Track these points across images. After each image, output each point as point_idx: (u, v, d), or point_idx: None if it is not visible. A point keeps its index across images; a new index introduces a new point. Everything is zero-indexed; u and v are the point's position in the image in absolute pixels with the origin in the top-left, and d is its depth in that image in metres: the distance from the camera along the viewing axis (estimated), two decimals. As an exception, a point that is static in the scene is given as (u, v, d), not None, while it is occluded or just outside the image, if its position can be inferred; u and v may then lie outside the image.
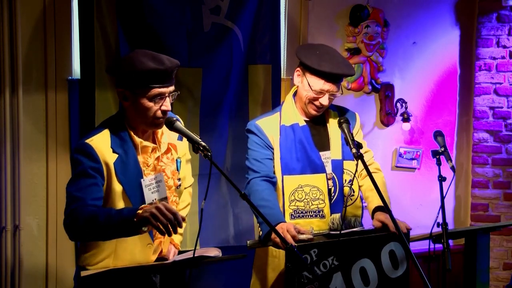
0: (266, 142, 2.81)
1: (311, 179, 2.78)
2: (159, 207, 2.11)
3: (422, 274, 2.28)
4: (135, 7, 3.18)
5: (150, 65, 2.29)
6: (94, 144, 2.32)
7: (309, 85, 2.75)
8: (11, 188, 3.22)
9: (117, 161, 2.35)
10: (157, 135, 2.50)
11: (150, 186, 2.42)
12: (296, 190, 2.78)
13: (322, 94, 2.75)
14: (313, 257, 2.45)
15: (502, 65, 4.30)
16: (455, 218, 4.43)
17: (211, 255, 2.38)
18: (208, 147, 2.25)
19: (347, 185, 2.83)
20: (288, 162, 2.78)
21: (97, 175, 2.30)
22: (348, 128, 2.62)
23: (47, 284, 3.34)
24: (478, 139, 4.35)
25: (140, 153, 2.42)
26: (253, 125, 2.85)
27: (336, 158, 2.83)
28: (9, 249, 3.22)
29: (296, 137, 2.80)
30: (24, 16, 3.20)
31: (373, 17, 3.94)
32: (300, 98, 2.83)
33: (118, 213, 2.18)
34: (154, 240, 2.49)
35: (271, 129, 2.83)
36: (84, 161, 2.30)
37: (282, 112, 2.87)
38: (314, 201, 2.78)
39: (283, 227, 2.48)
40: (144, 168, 2.43)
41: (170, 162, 2.54)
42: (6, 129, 3.19)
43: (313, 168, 2.79)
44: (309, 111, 2.82)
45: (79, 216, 2.21)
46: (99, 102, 3.19)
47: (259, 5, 3.52)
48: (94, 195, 2.28)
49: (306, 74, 2.77)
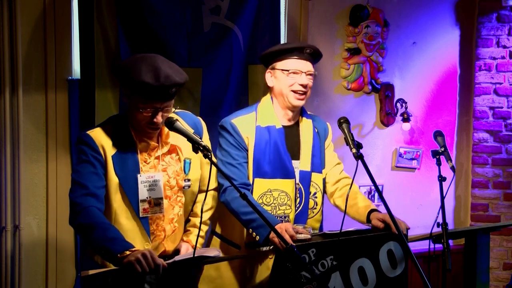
0: (240, 142, 2.76)
1: (280, 184, 2.75)
2: (146, 255, 2.15)
3: (422, 274, 2.28)
4: (135, 7, 3.18)
5: (143, 78, 2.31)
6: (94, 135, 2.42)
7: (282, 71, 2.74)
8: (11, 188, 3.22)
9: (115, 155, 2.42)
10: (161, 135, 2.52)
11: (146, 183, 2.44)
12: (265, 194, 2.75)
13: (298, 73, 2.74)
14: (311, 256, 2.45)
15: (502, 65, 4.30)
16: (455, 218, 4.43)
17: (211, 255, 2.38)
18: (208, 147, 2.26)
19: (312, 197, 2.82)
20: (261, 165, 2.75)
21: (97, 165, 2.39)
22: (348, 128, 2.61)
23: (47, 284, 3.34)
24: (478, 139, 4.35)
25: (140, 150, 2.45)
26: (228, 123, 2.79)
27: (305, 169, 2.81)
28: (9, 249, 3.22)
29: (271, 139, 2.77)
30: (24, 16, 3.20)
31: (373, 17, 3.94)
32: (279, 94, 2.79)
33: (111, 239, 2.22)
34: (153, 240, 2.49)
35: (246, 129, 2.78)
36: (85, 150, 2.40)
37: (258, 112, 2.83)
38: (281, 206, 2.76)
39: (282, 227, 2.47)
40: (142, 166, 2.44)
41: (174, 162, 2.55)
42: (6, 129, 3.19)
43: (284, 172, 2.76)
44: (292, 102, 2.77)
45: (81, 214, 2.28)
46: (99, 102, 3.20)
47: (259, 5, 3.52)
48: (96, 183, 2.37)
49: (276, 65, 2.78)
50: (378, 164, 4.15)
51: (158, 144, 2.50)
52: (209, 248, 2.88)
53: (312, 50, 2.78)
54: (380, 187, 4.10)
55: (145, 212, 2.46)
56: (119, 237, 2.24)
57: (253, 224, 2.56)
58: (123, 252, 2.17)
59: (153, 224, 2.50)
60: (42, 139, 3.29)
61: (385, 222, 2.63)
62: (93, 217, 2.28)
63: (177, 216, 2.59)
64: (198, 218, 2.68)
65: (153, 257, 2.16)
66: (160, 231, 2.53)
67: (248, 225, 2.59)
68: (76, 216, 2.30)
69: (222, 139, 2.80)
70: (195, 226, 2.70)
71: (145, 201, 2.44)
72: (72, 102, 3.31)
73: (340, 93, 4.00)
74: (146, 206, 2.45)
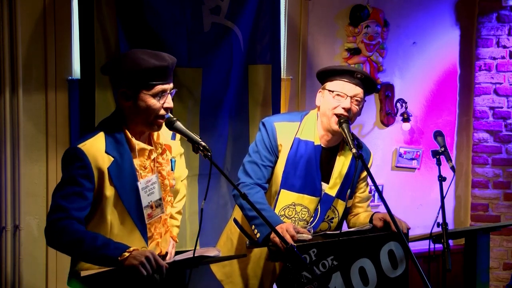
0: (273, 147, 2.73)
1: (305, 200, 2.73)
2: (149, 257, 2.13)
3: (422, 274, 2.28)
4: (135, 7, 3.17)
5: (153, 62, 2.28)
6: (86, 149, 2.26)
7: (329, 91, 2.68)
8: (11, 188, 3.22)
9: (112, 165, 2.30)
10: (152, 137, 2.47)
11: (146, 189, 2.40)
12: (288, 207, 2.73)
13: (344, 97, 2.65)
14: (312, 257, 2.45)
15: (502, 65, 4.30)
16: (455, 218, 4.43)
17: (211, 255, 2.38)
18: (208, 147, 2.25)
19: (327, 221, 2.79)
20: (290, 177, 2.71)
21: (85, 183, 2.25)
22: (348, 128, 2.60)
23: (47, 284, 3.34)
24: (478, 139, 4.35)
25: (137, 155, 2.39)
26: (270, 124, 2.75)
27: (330, 193, 2.76)
28: (9, 249, 3.22)
29: (306, 153, 2.72)
30: (24, 16, 3.20)
31: (373, 17, 3.94)
32: (323, 114, 2.71)
33: (103, 246, 2.17)
34: (149, 243, 2.48)
35: (285, 137, 2.73)
36: (73, 167, 2.26)
37: (302, 123, 2.77)
38: (300, 221, 2.74)
39: (283, 227, 2.47)
40: (141, 171, 2.40)
41: (166, 162, 2.53)
42: (6, 129, 3.19)
43: (312, 189, 2.72)
44: (332, 126, 2.67)
45: (64, 232, 2.19)
46: (99, 102, 3.19)
47: (259, 5, 3.52)
48: (79, 204, 2.24)
49: (326, 85, 2.72)
50: (378, 164, 4.15)
51: (152, 146, 2.48)
52: (209, 248, 2.88)
53: (363, 76, 2.69)
54: (380, 187, 4.10)
55: (150, 217, 2.43)
56: (110, 242, 2.21)
57: (256, 221, 2.56)
58: (122, 255, 2.15)
59: (152, 228, 2.48)
60: (42, 139, 3.28)
61: (385, 221, 2.63)
62: (76, 232, 2.20)
63: (168, 216, 2.59)
64: (173, 209, 2.66)
65: (155, 259, 2.15)
66: (157, 234, 2.51)
67: (251, 222, 2.60)
68: (59, 236, 2.20)
69: (259, 136, 2.77)
70: (172, 217, 2.66)
71: (148, 206, 2.42)
72: (72, 102, 3.31)
73: (340, 93, 4.00)
74: (149, 211, 2.42)
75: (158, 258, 2.17)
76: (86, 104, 3.21)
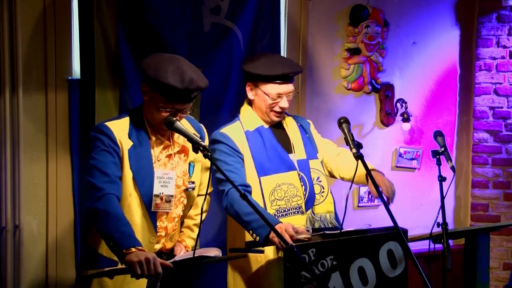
0: (234, 148, 2.79)
1: (286, 177, 2.80)
2: (149, 259, 2.15)
3: (422, 274, 2.28)
4: (135, 7, 3.18)
5: (169, 80, 2.37)
6: (113, 127, 2.45)
7: (265, 93, 2.80)
8: (11, 188, 3.22)
9: (131, 149, 2.45)
10: (173, 134, 2.54)
11: (161, 180, 2.49)
12: (274, 190, 2.78)
13: (280, 98, 2.81)
14: (311, 256, 2.45)
15: (502, 65, 4.30)
16: (455, 218, 4.43)
17: (211, 255, 2.39)
18: (207, 147, 2.27)
19: (317, 182, 2.87)
20: (263, 163, 2.79)
21: (115, 156, 2.41)
22: (348, 128, 2.62)
23: (47, 284, 3.34)
24: (478, 139, 4.35)
25: (154, 146, 2.50)
26: (219, 133, 2.84)
27: (301, 158, 2.88)
28: (9, 249, 3.22)
29: (265, 138, 2.84)
30: (24, 16, 3.19)
31: (373, 17, 3.94)
32: (259, 108, 2.87)
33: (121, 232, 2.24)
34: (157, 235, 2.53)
35: (237, 136, 2.83)
36: (104, 140, 2.42)
37: (242, 120, 2.90)
38: (293, 198, 2.79)
39: (282, 227, 2.48)
40: (154, 162, 2.50)
41: (182, 162, 2.60)
42: (6, 129, 3.19)
43: (286, 166, 2.82)
44: (271, 118, 2.86)
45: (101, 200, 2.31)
46: (99, 102, 3.19)
47: (259, 5, 3.52)
48: (116, 172, 2.40)
49: (258, 84, 2.83)
50: (378, 164, 4.14)
51: (170, 143, 2.53)
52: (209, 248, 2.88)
53: (297, 72, 2.87)
54: (380, 187, 4.09)
55: (157, 207, 2.51)
56: (129, 232, 2.26)
57: (253, 225, 2.56)
58: (129, 249, 2.18)
59: (158, 220, 2.53)
60: (42, 139, 3.28)
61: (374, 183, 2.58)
62: (111, 206, 2.30)
63: (178, 217, 2.64)
64: (192, 220, 2.73)
65: (155, 264, 2.16)
66: (162, 229, 2.55)
67: (248, 226, 2.59)
68: (95, 200, 2.32)
69: (215, 151, 2.80)
70: (189, 228, 2.74)
71: (158, 196, 2.50)
72: (72, 102, 3.31)
73: (340, 93, 4.00)
74: (158, 201, 2.50)
75: (159, 264, 2.17)
76: (86, 104, 3.22)
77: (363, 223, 3.26)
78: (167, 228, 2.57)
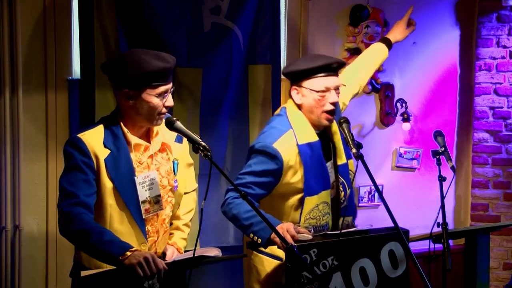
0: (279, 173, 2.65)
1: (324, 196, 2.75)
2: (148, 258, 2.13)
3: (422, 274, 2.28)
4: (135, 7, 3.18)
5: (157, 65, 2.33)
6: (85, 139, 2.35)
7: (312, 90, 2.69)
8: (11, 188, 3.22)
9: (109, 158, 2.36)
10: (151, 134, 2.50)
11: (144, 184, 2.43)
12: (313, 210, 2.74)
13: (328, 91, 2.68)
14: (312, 257, 2.45)
15: (502, 65, 4.30)
16: (455, 218, 4.43)
17: (211, 255, 2.38)
18: (208, 147, 2.25)
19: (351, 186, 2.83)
20: (309, 182, 2.70)
21: (88, 171, 2.32)
22: (348, 128, 2.61)
23: (47, 284, 3.34)
24: (478, 139, 4.35)
25: (133, 150, 2.43)
26: (270, 147, 2.64)
27: (342, 162, 2.80)
28: (9, 249, 3.22)
29: (314, 155, 2.72)
30: (24, 16, 3.20)
31: (373, 17, 3.94)
32: (310, 111, 2.73)
33: (108, 242, 2.19)
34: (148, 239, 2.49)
35: (289, 151, 2.67)
36: (75, 155, 2.33)
37: (295, 128, 2.72)
38: (324, 216, 2.76)
39: (283, 227, 2.47)
40: (137, 166, 2.43)
41: (165, 161, 2.54)
42: (6, 129, 3.19)
43: (326, 184, 2.75)
44: (323, 122, 2.73)
45: (74, 221, 2.23)
46: (99, 102, 3.19)
47: (259, 5, 3.52)
48: (86, 191, 2.30)
49: (303, 83, 2.71)
50: (378, 164, 4.15)
51: (150, 143, 2.50)
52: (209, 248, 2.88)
53: (339, 64, 2.73)
54: (380, 187, 4.10)
55: (147, 213, 2.45)
56: (116, 239, 2.22)
57: (253, 228, 2.54)
58: (124, 254, 2.16)
59: (148, 225, 2.49)
60: (42, 139, 3.29)
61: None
62: (86, 223, 2.23)
63: (168, 217, 2.58)
64: (180, 221, 2.68)
65: (155, 261, 2.14)
66: (154, 233, 2.51)
67: (249, 230, 2.57)
68: (68, 225, 2.25)
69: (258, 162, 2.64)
70: (178, 229, 2.68)
71: (145, 201, 2.44)
72: (72, 102, 3.31)
73: (340, 93, 3.99)
74: (147, 206, 2.44)
75: (157, 260, 2.16)
76: (86, 104, 3.21)
77: (363, 223, 3.26)
78: (159, 232, 2.54)
